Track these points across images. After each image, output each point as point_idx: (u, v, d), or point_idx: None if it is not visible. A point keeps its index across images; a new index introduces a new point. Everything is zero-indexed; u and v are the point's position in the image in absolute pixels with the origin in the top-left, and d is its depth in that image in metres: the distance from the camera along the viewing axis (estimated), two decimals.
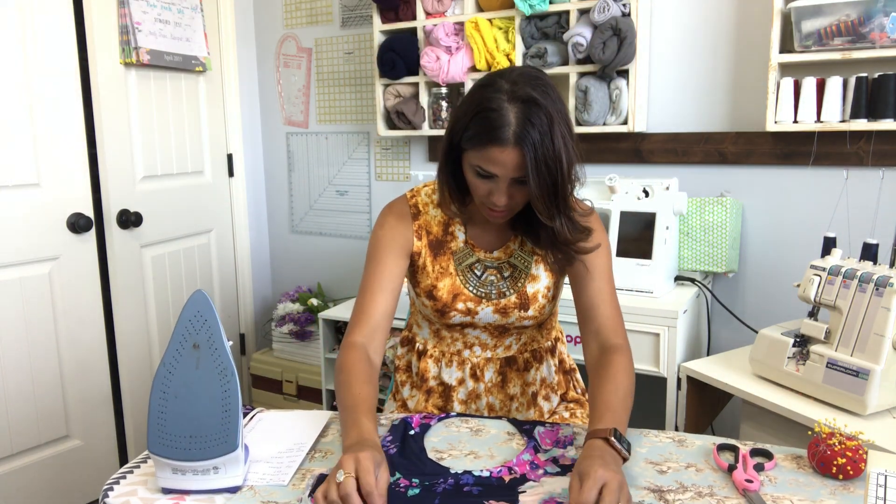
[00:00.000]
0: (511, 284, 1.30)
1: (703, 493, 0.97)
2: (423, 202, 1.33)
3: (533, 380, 1.40)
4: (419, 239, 1.31)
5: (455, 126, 1.16)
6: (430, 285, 1.30)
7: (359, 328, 1.23)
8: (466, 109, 1.13)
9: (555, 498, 0.94)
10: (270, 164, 3.19)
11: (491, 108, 1.09)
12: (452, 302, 1.29)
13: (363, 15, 2.81)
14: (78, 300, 2.30)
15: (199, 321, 0.97)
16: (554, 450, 1.09)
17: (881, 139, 1.89)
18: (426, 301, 1.31)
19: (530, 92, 1.08)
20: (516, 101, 1.08)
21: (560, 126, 1.09)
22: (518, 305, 1.30)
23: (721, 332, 2.25)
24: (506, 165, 1.10)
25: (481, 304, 1.30)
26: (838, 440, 1.00)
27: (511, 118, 1.08)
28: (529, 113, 1.07)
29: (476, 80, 1.20)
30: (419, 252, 1.31)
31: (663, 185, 2.03)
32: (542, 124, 1.08)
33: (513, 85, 1.10)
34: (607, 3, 2.07)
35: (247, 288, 3.09)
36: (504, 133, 1.07)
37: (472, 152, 1.13)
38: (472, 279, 1.30)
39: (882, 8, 1.74)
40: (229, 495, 0.98)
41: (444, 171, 1.22)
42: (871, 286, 1.35)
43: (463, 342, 1.36)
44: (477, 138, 1.10)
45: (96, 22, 2.27)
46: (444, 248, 1.31)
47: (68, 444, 2.33)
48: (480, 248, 1.31)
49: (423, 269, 1.31)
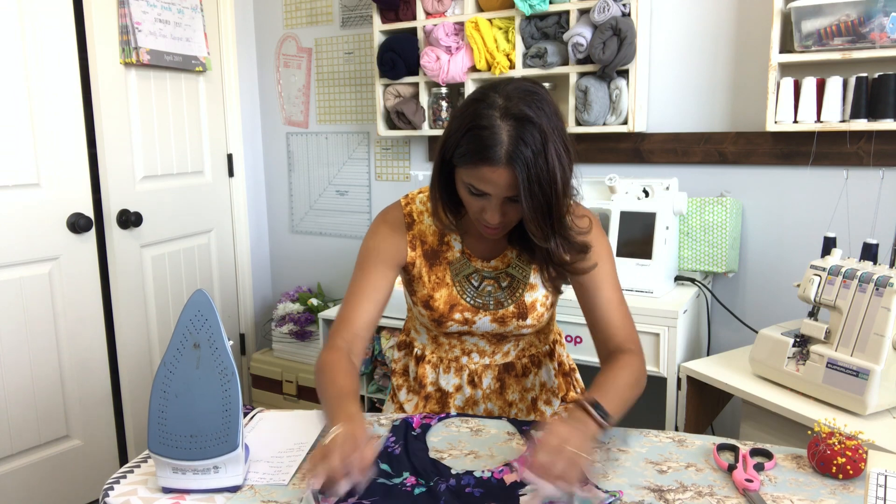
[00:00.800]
0: (509, 294, 1.28)
1: (703, 493, 0.97)
2: (418, 210, 1.30)
3: (532, 385, 1.39)
4: (413, 249, 1.28)
5: (447, 142, 1.11)
6: (426, 295, 1.28)
7: (340, 334, 1.22)
8: (459, 125, 1.09)
9: (554, 500, 0.94)
10: (270, 164, 3.19)
11: (483, 126, 1.04)
12: (449, 312, 1.27)
13: (363, 15, 2.81)
14: (78, 300, 2.30)
15: (200, 321, 0.97)
16: None
17: (881, 139, 1.89)
18: (423, 310, 1.29)
19: (524, 109, 1.04)
20: (509, 118, 1.04)
21: (555, 143, 1.05)
22: (516, 315, 1.28)
23: (721, 332, 2.25)
24: (497, 185, 1.06)
25: (479, 313, 1.28)
26: (838, 440, 1.00)
27: (503, 136, 1.03)
28: (522, 131, 1.03)
29: (470, 94, 1.15)
30: (413, 262, 1.29)
31: (663, 185, 2.03)
32: (535, 143, 1.03)
33: (506, 100, 1.05)
34: (607, 3, 2.07)
35: (247, 288, 3.10)
36: (495, 153, 1.03)
37: (464, 170, 1.09)
38: (470, 289, 1.28)
39: (882, 8, 1.74)
40: (229, 495, 0.98)
41: (436, 185, 1.18)
42: (871, 286, 1.35)
43: (461, 349, 1.35)
44: (468, 156, 1.06)
45: (96, 22, 2.27)
46: (439, 259, 1.29)
47: (68, 444, 2.33)
48: (477, 257, 1.29)
49: (418, 279, 1.29)
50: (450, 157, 1.11)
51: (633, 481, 1.00)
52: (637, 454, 1.09)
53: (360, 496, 0.95)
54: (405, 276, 1.33)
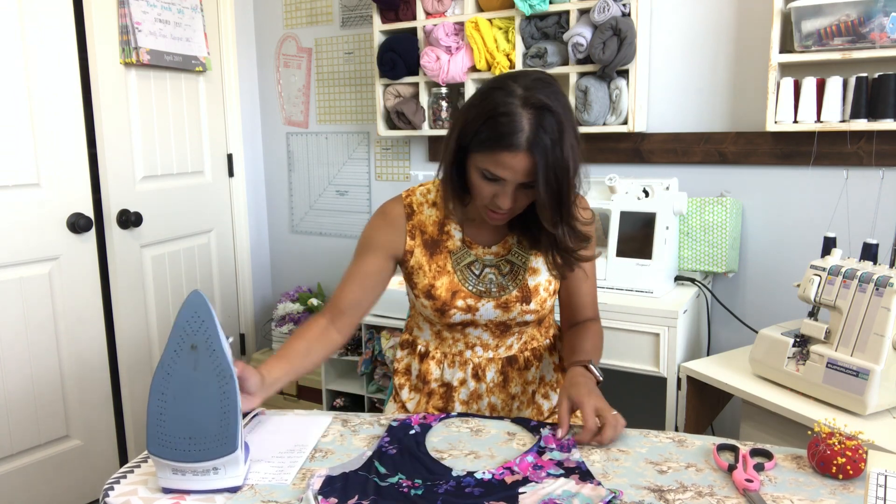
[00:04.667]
0: (511, 279, 1.31)
1: (703, 493, 0.97)
2: (418, 202, 1.34)
3: (533, 378, 1.41)
4: (412, 238, 1.31)
5: (465, 128, 1.15)
6: (427, 284, 1.30)
7: (328, 310, 1.32)
8: (478, 112, 1.13)
9: (553, 499, 0.94)
10: (270, 164, 3.19)
11: (503, 113, 1.09)
12: (452, 299, 1.29)
13: (363, 15, 2.81)
14: (78, 300, 2.30)
15: (197, 322, 0.97)
16: (557, 452, 1.09)
17: (881, 139, 1.89)
18: (425, 301, 1.31)
19: (543, 99, 1.09)
20: (529, 106, 1.09)
21: (569, 135, 1.11)
22: (520, 299, 1.30)
23: (721, 332, 2.25)
24: (515, 170, 1.11)
25: (481, 300, 1.30)
26: (838, 440, 1.00)
27: (524, 124, 1.08)
28: (542, 119, 1.08)
29: (485, 82, 1.19)
30: (411, 251, 1.31)
31: (663, 185, 2.03)
32: (553, 132, 1.09)
33: (526, 90, 1.10)
34: (607, 3, 2.07)
35: (247, 288, 3.10)
36: (517, 139, 1.08)
37: (481, 155, 1.13)
38: (471, 277, 1.30)
39: (882, 8, 1.73)
40: (230, 495, 0.98)
41: (448, 171, 1.22)
42: (871, 286, 1.35)
43: (464, 343, 1.36)
44: (488, 142, 1.11)
45: (96, 22, 2.27)
46: (440, 247, 1.31)
47: (68, 444, 2.33)
48: (478, 244, 1.32)
49: (418, 269, 1.31)
50: (467, 143, 1.15)
51: (633, 481, 1.00)
52: (637, 454, 1.09)
53: (358, 497, 0.95)
54: (404, 269, 1.34)
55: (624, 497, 0.96)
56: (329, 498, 0.95)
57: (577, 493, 0.96)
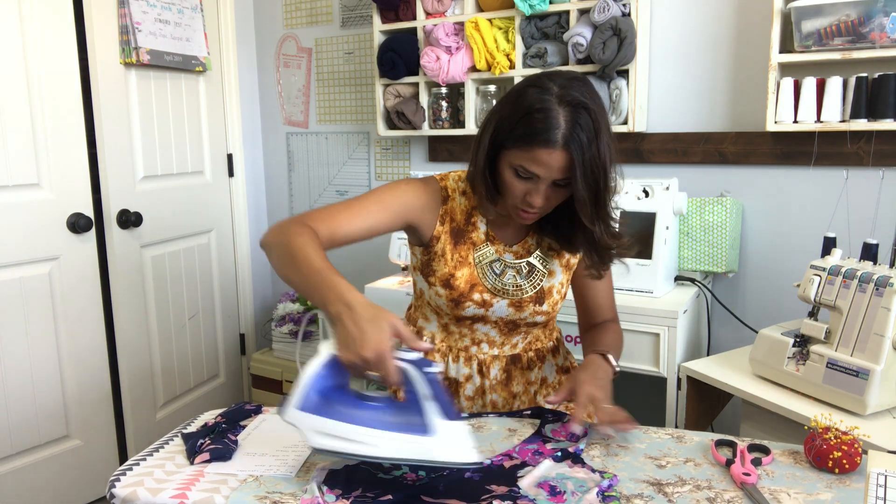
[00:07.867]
0: (529, 281, 1.31)
1: (701, 486, 0.97)
2: (452, 188, 1.31)
3: (535, 378, 1.41)
4: (441, 224, 1.29)
5: (500, 124, 1.15)
6: (447, 274, 1.28)
7: (316, 224, 1.13)
8: (513, 109, 1.13)
9: (548, 481, 0.97)
10: (270, 164, 3.20)
11: (539, 109, 1.09)
12: (469, 291, 1.28)
13: (363, 15, 2.81)
14: (78, 300, 2.30)
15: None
16: (565, 442, 1.11)
17: (881, 139, 1.89)
18: (441, 290, 1.29)
19: (579, 96, 1.09)
20: (566, 104, 1.09)
21: (605, 133, 1.11)
22: (534, 300, 1.30)
23: (721, 332, 2.24)
24: (550, 167, 1.10)
25: (496, 297, 1.30)
26: (834, 434, 1.01)
27: (561, 121, 1.08)
28: (578, 117, 1.09)
29: (520, 81, 1.18)
30: (438, 237, 1.29)
31: (663, 185, 2.03)
32: (589, 129, 1.09)
33: (561, 88, 1.10)
34: (607, 3, 2.08)
35: (247, 288, 3.10)
36: (553, 135, 1.08)
37: (516, 151, 1.12)
38: (491, 275, 1.30)
39: (882, 8, 1.74)
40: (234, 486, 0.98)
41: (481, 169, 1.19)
42: (871, 286, 1.35)
43: (471, 338, 1.36)
44: (524, 138, 1.10)
45: (96, 22, 2.27)
46: (465, 238, 1.30)
47: (68, 444, 2.33)
48: (500, 241, 1.31)
49: (440, 257, 1.29)
50: (501, 139, 1.14)
51: (632, 475, 1.01)
52: (636, 450, 1.09)
53: (363, 489, 0.96)
54: (424, 255, 1.31)
55: (623, 490, 0.96)
56: (333, 489, 0.96)
57: (571, 476, 0.97)
